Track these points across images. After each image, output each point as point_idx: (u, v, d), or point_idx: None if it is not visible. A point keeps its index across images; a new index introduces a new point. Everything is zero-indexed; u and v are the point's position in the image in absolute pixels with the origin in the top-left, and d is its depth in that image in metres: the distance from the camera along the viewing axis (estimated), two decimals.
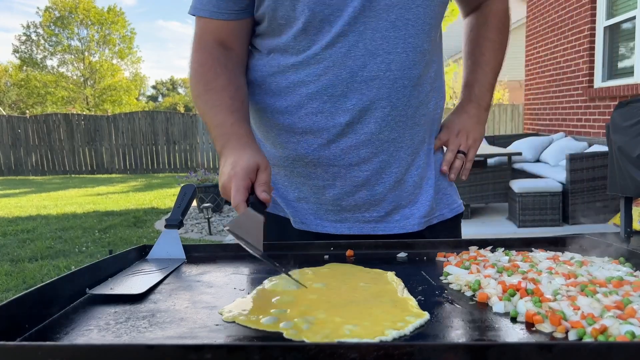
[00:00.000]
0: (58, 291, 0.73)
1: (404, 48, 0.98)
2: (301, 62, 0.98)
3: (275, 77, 1.03)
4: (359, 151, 1.01)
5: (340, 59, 0.96)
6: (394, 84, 0.98)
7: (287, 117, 1.02)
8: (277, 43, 1.01)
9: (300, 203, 1.08)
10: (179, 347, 0.50)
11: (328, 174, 1.03)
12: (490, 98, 1.21)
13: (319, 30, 0.96)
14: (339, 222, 1.07)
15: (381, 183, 1.04)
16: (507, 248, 0.96)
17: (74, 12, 24.97)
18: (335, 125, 0.99)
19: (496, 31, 1.18)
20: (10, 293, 3.75)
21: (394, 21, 0.96)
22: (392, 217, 1.07)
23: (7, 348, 0.50)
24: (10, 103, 27.70)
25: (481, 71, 1.18)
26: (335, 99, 0.98)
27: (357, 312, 0.67)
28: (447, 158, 1.14)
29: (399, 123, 1.01)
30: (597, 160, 4.80)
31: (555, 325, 0.59)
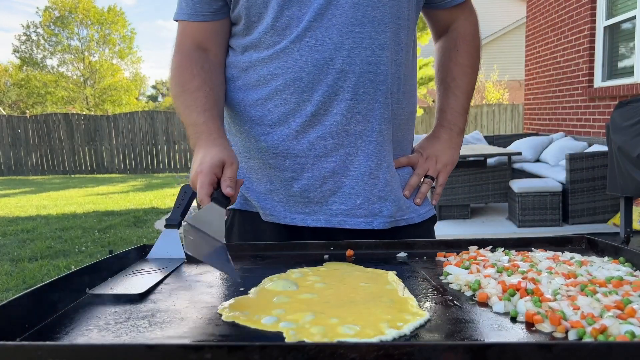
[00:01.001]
0: (58, 291, 0.73)
1: (369, 44, 1.01)
2: (271, 56, 1.03)
3: (248, 72, 1.07)
4: (325, 142, 1.04)
5: (307, 52, 1.00)
6: (360, 78, 1.01)
7: (258, 109, 1.07)
8: (250, 40, 1.05)
9: (272, 195, 1.10)
10: (179, 347, 0.50)
11: (296, 165, 1.06)
12: (464, 122, 1.22)
13: (287, 25, 1.01)
14: (307, 214, 1.08)
15: (349, 176, 1.06)
16: (507, 248, 0.96)
17: (74, 12, 24.96)
18: (302, 115, 1.03)
19: (466, 55, 1.20)
20: (10, 293, 3.75)
21: (360, 18, 1.00)
22: (360, 211, 1.07)
23: (7, 348, 0.50)
24: (10, 103, 27.71)
25: (453, 96, 1.20)
26: (301, 90, 1.02)
27: (357, 312, 0.67)
28: (410, 182, 1.15)
29: (365, 117, 1.04)
30: (597, 160, 4.80)
31: (555, 325, 0.59)
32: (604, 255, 0.91)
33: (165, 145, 13.71)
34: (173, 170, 13.74)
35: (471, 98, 1.22)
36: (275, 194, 1.10)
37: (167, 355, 0.49)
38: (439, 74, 1.23)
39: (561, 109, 6.90)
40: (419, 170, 1.16)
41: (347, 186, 1.06)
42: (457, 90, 1.20)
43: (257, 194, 1.12)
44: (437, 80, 1.24)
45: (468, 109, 1.23)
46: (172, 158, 13.80)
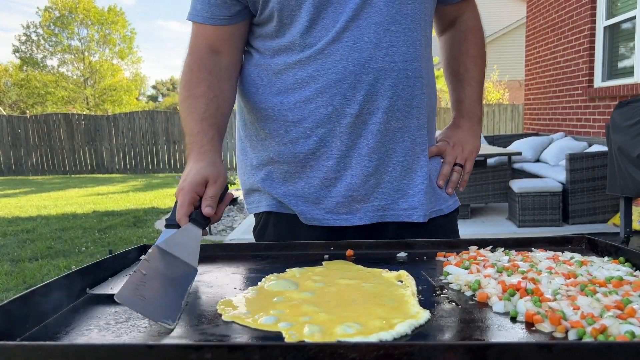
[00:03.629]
0: (58, 291, 0.73)
1: (405, 41, 1.02)
2: (308, 57, 1.02)
3: (281, 75, 1.05)
4: (368, 141, 1.04)
5: (347, 52, 1.00)
6: (398, 75, 1.02)
7: (296, 112, 1.05)
8: (283, 42, 1.04)
9: (312, 199, 1.09)
10: (179, 347, 0.50)
11: (340, 166, 1.05)
12: (481, 111, 1.26)
13: (323, 26, 1.00)
14: (350, 213, 1.08)
15: (388, 171, 1.07)
16: (507, 248, 0.96)
17: (74, 12, 24.96)
18: (346, 116, 1.02)
19: (476, 46, 1.24)
20: (10, 293, 3.75)
21: (394, 15, 1.01)
22: (399, 204, 1.09)
23: (7, 348, 0.50)
24: (11, 103, 27.70)
25: (468, 87, 1.23)
26: (344, 91, 1.01)
27: (357, 311, 0.67)
28: (443, 171, 1.17)
29: (404, 113, 1.05)
30: (597, 160, 4.80)
31: (555, 325, 0.59)
32: (604, 255, 0.91)
33: (165, 145, 13.71)
34: (173, 170, 13.74)
35: (483, 86, 1.26)
36: (316, 197, 1.08)
37: (167, 355, 0.49)
38: (450, 67, 1.25)
39: (561, 109, 6.90)
40: (449, 158, 1.18)
41: (386, 181, 1.07)
42: (472, 81, 1.23)
43: (294, 198, 1.10)
44: (449, 72, 1.26)
45: (482, 98, 1.26)
46: (172, 158, 13.80)
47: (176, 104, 50.77)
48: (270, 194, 1.12)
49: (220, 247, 1.04)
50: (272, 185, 1.11)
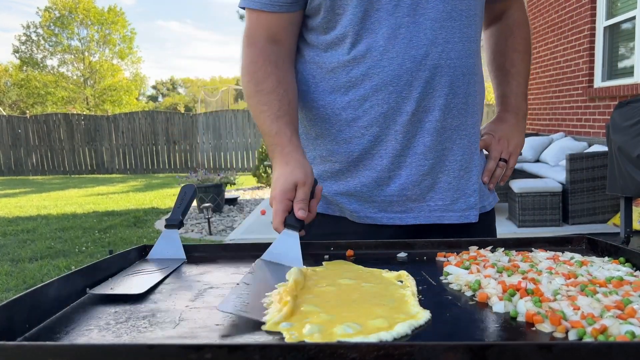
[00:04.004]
0: (58, 291, 0.73)
1: (460, 38, 1.01)
2: (363, 55, 1.00)
3: (334, 74, 1.04)
4: (424, 139, 1.02)
5: (403, 48, 0.98)
6: (455, 72, 1.01)
7: (351, 111, 1.03)
8: (335, 35, 1.02)
9: (365, 197, 1.07)
10: (179, 347, 0.50)
11: (394, 165, 1.04)
12: (526, 107, 1.24)
13: (377, 20, 0.98)
14: (404, 212, 1.07)
15: (445, 171, 1.05)
16: (507, 248, 0.96)
17: (74, 12, 24.97)
18: (402, 114, 1.01)
19: (523, 41, 1.22)
20: (10, 293, 3.75)
21: (450, 12, 0.99)
22: (458, 205, 1.07)
23: (7, 348, 0.50)
24: (11, 103, 27.70)
25: (514, 82, 1.22)
26: (400, 89, 1.00)
27: (357, 311, 0.66)
28: (489, 167, 1.15)
29: (460, 111, 1.04)
30: (597, 160, 4.80)
31: (555, 325, 0.59)
32: (604, 255, 0.91)
33: (165, 145, 13.71)
34: (173, 170, 13.74)
35: (528, 82, 1.24)
36: (368, 196, 1.07)
37: (167, 355, 0.49)
38: (496, 61, 1.23)
39: (561, 109, 6.90)
40: (494, 153, 1.17)
41: (443, 181, 1.06)
42: (518, 76, 1.21)
43: (346, 197, 1.08)
44: (494, 66, 1.24)
45: (527, 94, 1.25)
46: (172, 158, 13.80)
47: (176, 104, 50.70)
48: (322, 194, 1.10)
49: (221, 247, 1.04)
50: (322, 184, 1.10)
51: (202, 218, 6.60)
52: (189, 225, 6.20)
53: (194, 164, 13.58)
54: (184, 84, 59.26)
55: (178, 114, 14.05)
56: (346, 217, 1.10)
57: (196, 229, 5.97)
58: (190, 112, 20.92)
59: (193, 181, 6.91)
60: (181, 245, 1.00)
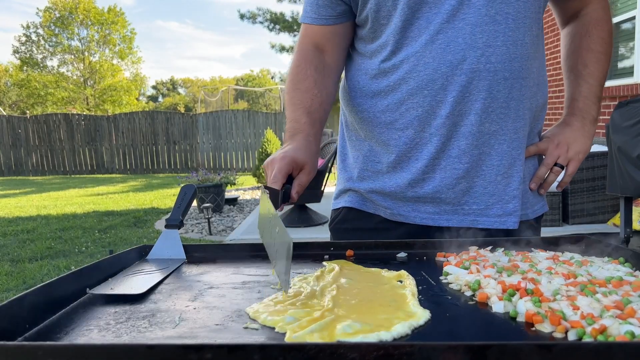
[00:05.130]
0: (58, 291, 0.73)
1: (503, 41, 0.99)
2: (402, 61, 1.02)
3: (377, 79, 1.08)
4: (459, 143, 1.02)
5: (440, 53, 0.99)
6: (495, 76, 0.99)
7: (389, 114, 1.06)
8: (378, 44, 1.06)
9: (400, 196, 1.09)
10: (179, 347, 0.50)
11: (428, 167, 1.05)
12: (597, 111, 1.17)
13: (417, 27, 1.00)
14: (438, 214, 1.07)
15: (481, 175, 1.04)
16: (507, 248, 0.96)
17: (74, 12, 24.98)
18: (436, 118, 1.02)
19: (599, 41, 1.16)
20: (10, 293, 3.75)
21: (493, 15, 0.98)
22: (494, 211, 1.06)
23: (7, 348, 0.50)
24: (11, 103, 27.70)
25: (585, 84, 1.16)
26: (435, 92, 1.00)
27: (357, 311, 0.66)
28: (539, 174, 1.13)
29: (500, 115, 1.02)
30: (597, 160, 4.80)
31: (555, 325, 0.59)
32: (604, 255, 0.91)
33: (165, 145, 13.71)
34: (173, 171, 13.74)
35: (603, 85, 1.18)
36: (404, 195, 1.08)
37: (167, 355, 0.49)
38: (568, 61, 1.19)
39: (561, 109, 6.89)
40: (549, 159, 1.13)
41: (479, 185, 1.04)
42: (590, 78, 1.16)
43: (381, 195, 1.11)
44: (567, 67, 1.20)
45: (601, 97, 1.18)
46: (172, 158, 13.80)
47: (176, 104, 50.76)
48: (358, 190, 1.15)
49: (221, 247, 1.04)
50: (361, 182, 1.14)
51: (202, 218, 6.60)
52: (189, 225, 6.20)
53: (194, 164, 13.59)
54: (184, 84, 59.27)
55: (178, 114, 14.06)
56: (380, 214, 1.13)
57: (196, 229, 5.97)
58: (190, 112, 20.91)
59: (193, 181, 6.91)
60: (181, 245, 1.00)
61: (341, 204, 1.19)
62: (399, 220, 1.11)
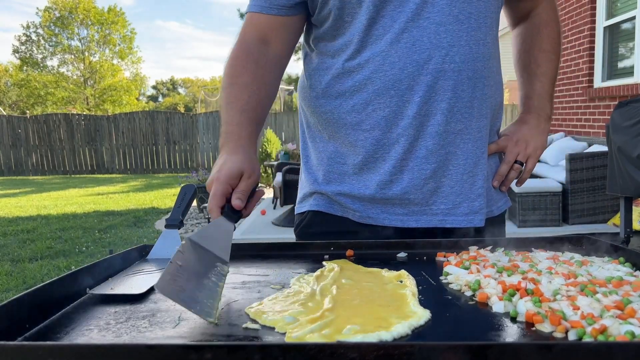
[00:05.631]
0: (58, 291, 0.73)
1: (467, 41, 0.99)
2: (367, 60, 1.00)
3: (340, 79, 1.04)
4: (426, 143, 1.02)
5: (405, 53, 0.98)
6: (459, 76, 1.00)
7: (355, 115, 1.04)
8: (342, 43, 1.03)
9: (368, 198, 1.07)
10: (179, 347, 0.50)
11: (396, 169, 1.03)
12: (551, 108, 1.21)
13: (382, 26, 0.98)
14: (407, 215, 1.06)
15: (448, 175, 1.04)
16: (507, 248, 0.96)
17: (74, 12, 24.98)
18: (403, 118, 1.01)
19: (550, 41, 1.20)
20: (10, 293, 3.75)
21: (457, 15, 0.98)
22: (461, 209, 1.06)
23: (7, 348, 0.50)
24: (11, 103, 27.70)
25: (539, 82, 1.19)
26: (401, 92, 0.99)
27: (357, 311, 0.67)
28: (500, 171, 1.14)
29: (464, 115, 1.02)
30: (597, 160, 4.80)
31: (555, 325, 0.59)
32: (604, 255, 0.91)
33: (165, 145, 13.71)
34: (173, 170, 13.74)
35: (554, 84, 1.22)
36: (371, 198, 1.06)
37: (167, 355, 0.49)
38: (521, 61, 1.22)
39: (561, 109, 6.90)
40: (509, 156, 1.15)
41: (446, 185, 1.05)
42: (543, 77, 1.19)
43: (349, 198, 1.09)
44: (520, 66, 1.22)
45: (553, 95, 1.22)
46: (172, 158, 13.80)
47: (176, 104, 50.70)
48: (324, 193, 1.11)
49: None
50: (327, 184, 1.11)
51: (202, 218, 6.61)
52: (189, 225, 6.20)
53: (194, 164, 13.59)
54: (184, 84, 59.29)
55: (178, 114, 14.05)
56: (349, 217, 1.10)
57: (196, 229, 5.97)
58: (190, 112, 20.90)
59: (193, 181, 6.91)
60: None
61: (306, 208, 1.15)
62: (368, 223, 1.09)
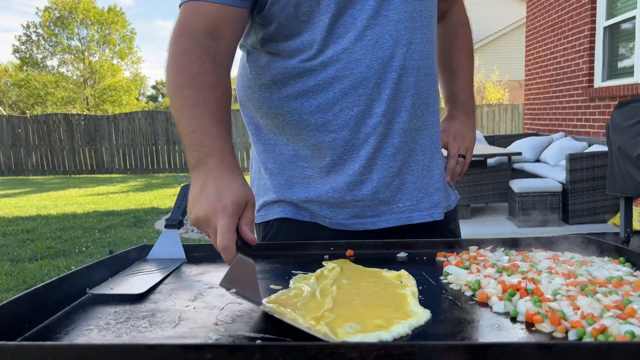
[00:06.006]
0: (58, 291, 0.73)
1: (421, 38, 1.01)
2: (331, 58, 0.97)
3: (300, 78, 0.99)
4: (393, 140, 1.02)
5: (370, 51, 0.97)
6: (418, 73, 1.01)
7: (320, 115, 1.00)
8: (302, 42, 0.98)
9: (337, 202, 1.05)
10: (179, 347, 0.50)
11: (365, 169, 1.02)
12: (474, 103, 1.29)
13: (343, 24, 0.97)
14: (376, 216, 1.06)
15: (409, 171, 1.06)
16: (507, 248, 0.96)
17: (74, 12, 24.97)
18: (372, 116, 1.00)
19: (467, 40, 1.27)
20: (10, 293, 3.75)
21: (411, 12, 1.00)
22: (423, 204, 1.08)
23: (7, 348, 0.50)
24: (11, 103, 27.70)
25: (462, 79, 1.26)
26: (370, 90, 0.99)
27: (357, 311, 0.67)
28: (450, 166, 1.19)
29: (423, 111, 1.05)
30: (597, 160, 4.80)
31: (555, 325, 0.59)
32: (604, 255, 0.91)
33: (165, 145, 13.71)
34: (173, 170, 13.74)
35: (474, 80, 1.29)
36: (341, 202, 1.04)
37: (167, 355, 0.49)
38: (442, 60, 1.25)
39: (561, 109, 6.90)
40: (453, 150, 1.21)
41: (409, 181, 1.06)
42: (465, 74, 1.26)
43: (317, 204, 1.06)
44: (440, 65, 1.24)
45: (473, 90, 1.30)
46: (172, 158, 13.80)
47: None
48: (289, 200, 1.07)
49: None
50: (291, 190, 1.07)
51: None
52: (189, 225, 6.19)
53: None
54: None
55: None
56: (319, 222, 1.08)
57: (196, 229, 5.97)
58: None
59: None
60: (181, 245, 1.00)
61: (271, 216, 1.09)
62: (339, 229, 1.07)
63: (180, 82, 0.88)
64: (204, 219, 0.76)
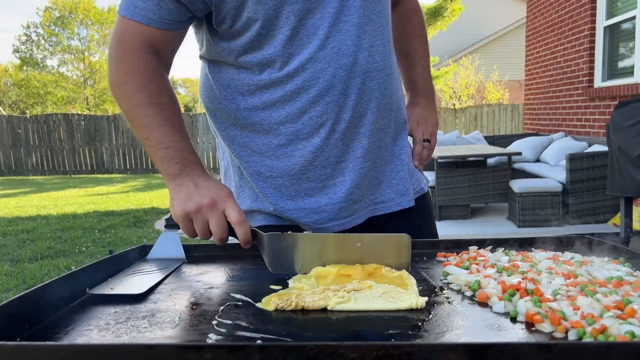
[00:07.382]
0: (58, 291, 0.73)
1: (381, 40, 1.03)
2: (296, 69, 0.97)
3: (267, 89, 1.00)
4: (362, 142, 1.05)
5: (334, 59, 0.98)
6: (381, 74, 1.03)
7: (290, 125, 1.01)
8: (264, 55, 0.97)
9: (313, 209, 1.06)
10: (179, 347, 0.50)
11: (337, 172, 1.05)
12: (433, 88, 1.33)
13: (305, 34, 0.96)
14: (350, 215, 1.09)
15: (378, 168, 1.09)
16: (507, 248, 0.96)
17: (74, 12, 24.98)
18: (340, 122, 1.02)
19: (420, 27, 1.29)
20: (10, 293, 3.75)
21: (369, 15, 1.01)
22: (387, 195, 1.12)
23: (7, 348, 0.50)
24: (10, 103, 27.70)
25: (419, 66, 1.28)
26: (337, 97, 1.00)
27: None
28: (416, 151, 1.22)
29: (387, 111, 1.07)
30: (597, 160, 4.80)
31: (555, 325, 0.59)
32: (604, 255, 0.91)
33: None
34: None
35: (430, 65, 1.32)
36: (317, 207, 1.06)
37: (167, 355, 0.49)
38: (397, 48, 1.25)
39: (561, 109, 6.90)
40: (418, 136, 1.24)
41: (379, 177, 1.10)
42: (422, 60, 1.29)
43: (295, 212, 1.07)
44: (397, 53, 1.23)
45: (431, 75, 1.33)
46: None
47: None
48: (264, 211, 1.09)
49: (221, 247, 1.04)
50: (266, 202, 1.08)
51: None
52: None
53: None
54: (184, 83, 59.30)
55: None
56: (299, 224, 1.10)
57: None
58: (190, 112, 20.92)
59: None
60: (181, 245, 1.00)
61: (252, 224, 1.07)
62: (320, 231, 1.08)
63: (140, 101, 0.94)
64: (209, 205, 0.86)
